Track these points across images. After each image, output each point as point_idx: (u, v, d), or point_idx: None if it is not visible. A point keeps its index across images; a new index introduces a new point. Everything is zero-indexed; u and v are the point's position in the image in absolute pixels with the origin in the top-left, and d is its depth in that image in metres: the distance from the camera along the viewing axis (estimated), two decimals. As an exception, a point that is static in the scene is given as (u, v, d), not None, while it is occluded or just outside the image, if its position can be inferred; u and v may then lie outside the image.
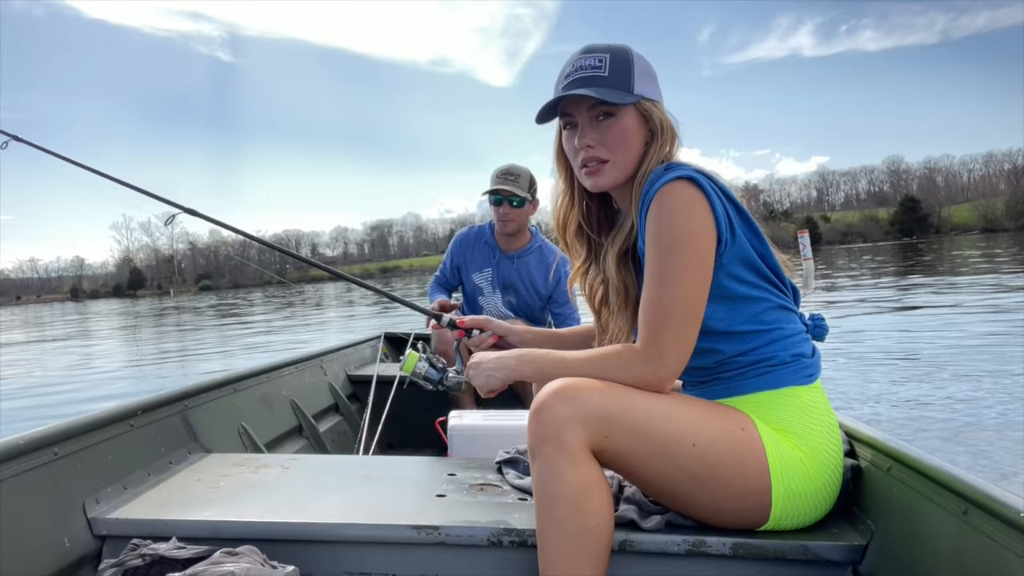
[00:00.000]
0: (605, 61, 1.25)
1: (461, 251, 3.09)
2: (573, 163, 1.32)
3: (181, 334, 16.16)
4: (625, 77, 1.25)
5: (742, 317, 1.24)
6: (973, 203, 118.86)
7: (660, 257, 1.16)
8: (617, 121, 1.26)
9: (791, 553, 1.20)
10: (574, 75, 1.26)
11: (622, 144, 1.26)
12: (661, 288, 1.16)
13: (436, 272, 3.16)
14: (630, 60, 1.26)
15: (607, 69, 1.24)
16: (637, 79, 1.26)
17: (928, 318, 8.80)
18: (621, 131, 1.26)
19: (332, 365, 3.00)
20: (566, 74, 1.28)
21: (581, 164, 1.29)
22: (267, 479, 1.56)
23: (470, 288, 3.09)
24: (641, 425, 1.14)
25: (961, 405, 4.34)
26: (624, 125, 1.26)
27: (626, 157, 1.27)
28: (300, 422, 2.45)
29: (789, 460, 1.18)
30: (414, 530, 1.28)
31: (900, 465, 1.19)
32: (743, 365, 1.25)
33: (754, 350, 1.24)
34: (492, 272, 3.04)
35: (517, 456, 1.62)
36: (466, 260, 3.08)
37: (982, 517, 0.96)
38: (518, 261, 3.01)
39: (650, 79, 1.28)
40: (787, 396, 1.22)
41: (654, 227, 1.18)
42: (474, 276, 3.07)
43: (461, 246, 3.10)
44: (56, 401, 6.77)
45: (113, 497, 1.43)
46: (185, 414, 1.83)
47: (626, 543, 1.23)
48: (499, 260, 3.03)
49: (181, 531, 1.30)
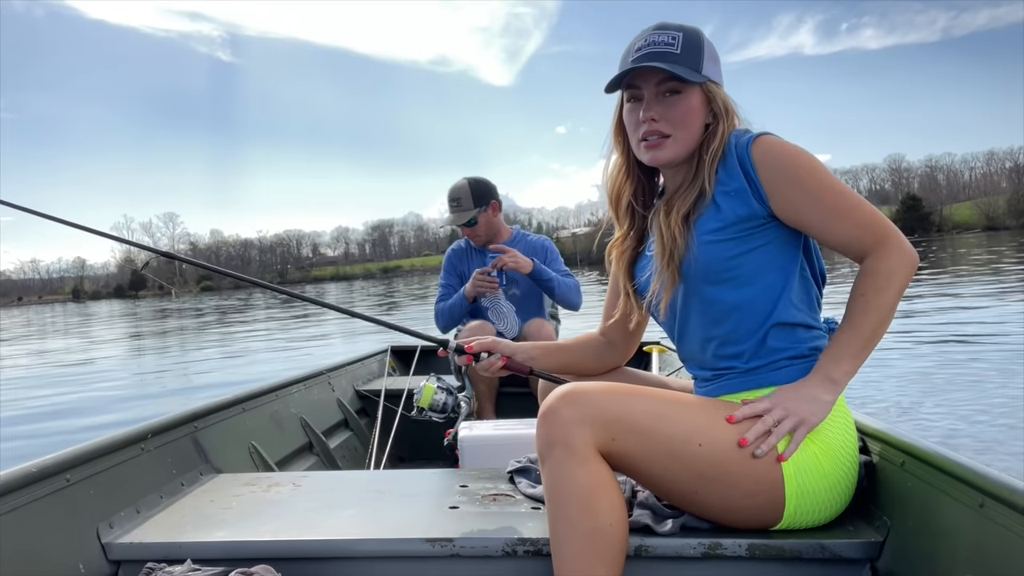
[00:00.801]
0: (679, 39, 1.27)
1: (458, 262, 3.16)
2: (633, 136, 1.33)
3: (183, 338, 16.18)
4: (696, 57, 1.27)
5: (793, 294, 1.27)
6: (975, 201, 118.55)
7: (817, 181, 1.19)
8: (684, 98, 1.28)
9: (808, 552, 1.19)
10: (646, 49, 1.27)
11: (685, 121, 1.28)
12: (844, 200, 1.19)
13: (438, 294, 3.14)
14: (701, 42, 1.29)
15: (679, 47, 1.27)
16: (706, 61, 1.28)
17: (936, 316, 8.77)
18: (686, 108, 1.28)
19: (340, 381, 3.01)
20: (637, 47, 1.29)
21: (642, 137, 1.30)
22: (279, 497, 1.56)
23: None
24: (646, 427, 1.14)
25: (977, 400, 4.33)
26: (690, 103, 1.28)
27: (687, 134, 1.29)
28: (310, 439, 2.45)
29: (803, 457, 1.17)
30: (428, 543, 1.28)
31: (914, 460, 1.19)
32: (762, 357, 1.26)
33: (775, 342, 1.26)
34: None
35: (529, 465, 1.61)
36: (463, 266, 3.15)
37: (999, 509, 0.96)
38: None
39: (716, 63, 1.31)
40: None
41: (788, 170, 1.20)
42: None
43: (457, 258, 3.17)
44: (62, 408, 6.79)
45: (126, 521, 1.43)
46: (195, 435, 1.83)
47: (642, 548, 1.22)
48: (491, 259, 3.08)
49: (195, 553, 1.30)
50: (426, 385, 1.64)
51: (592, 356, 1.58)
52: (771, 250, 1.25)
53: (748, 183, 1.22)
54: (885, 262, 1.17)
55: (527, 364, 1.55)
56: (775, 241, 1.25)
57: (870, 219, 1.19)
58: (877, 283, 1.17)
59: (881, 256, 1.18)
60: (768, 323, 1.26)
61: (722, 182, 1.25)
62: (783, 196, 1.21)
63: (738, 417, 1.17)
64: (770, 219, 1.23)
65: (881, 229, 1.19)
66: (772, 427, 1.15)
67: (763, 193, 1.22)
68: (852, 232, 1.20)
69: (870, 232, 1.19)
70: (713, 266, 1.26)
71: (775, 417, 1.16)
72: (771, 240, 1.25)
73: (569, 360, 1.58)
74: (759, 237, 1.24)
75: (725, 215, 1.24)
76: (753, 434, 1.15)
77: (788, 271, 1.27)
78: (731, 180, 1.24)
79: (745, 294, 1.26)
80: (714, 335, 1.30)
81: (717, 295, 1.28)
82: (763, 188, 1.21)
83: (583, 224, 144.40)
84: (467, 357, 1.55)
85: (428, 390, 1.64)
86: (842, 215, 1.19)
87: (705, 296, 1.29)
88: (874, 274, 1.18)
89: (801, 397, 1.18)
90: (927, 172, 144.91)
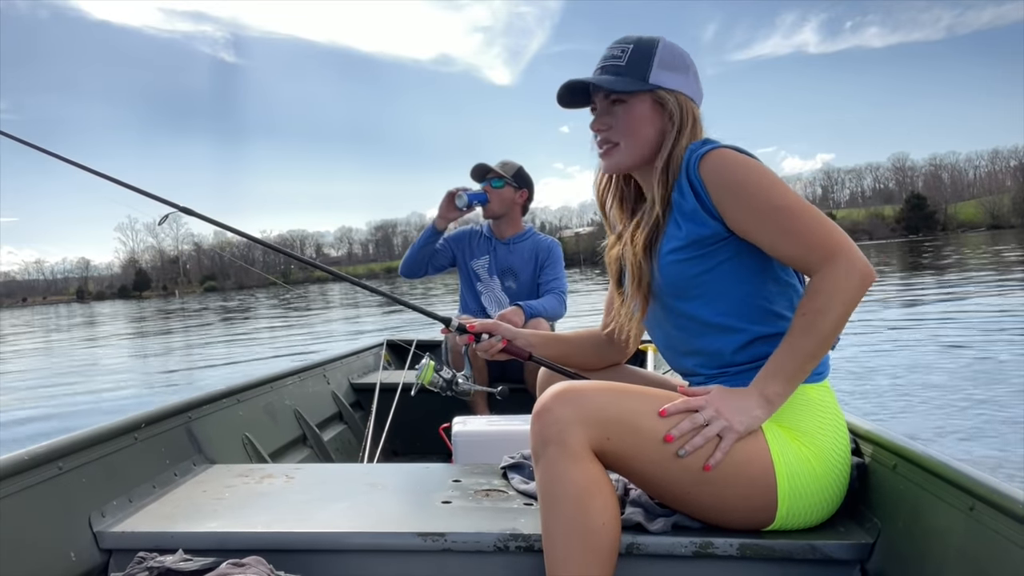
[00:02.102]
0: (627, 51, 1.32)
1: (458, 241, 3.21)
2: (594, 146, 1.39)
3: (187, 337, 16.21)
4: (642, 67, 1.30)
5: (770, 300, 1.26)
6: (979, 200, 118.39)
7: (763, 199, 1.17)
8: (628, 107, 1.31)
9: (798, 553, 1.19)
10: (600, 64, 1.35)
11: (631, 129, 1.31)
12: (791, 218, 1.16)
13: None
14: (652, 51, 1.31)
15: (626, 59, 1.31)
16: (655, 69, 1.30)
17: (940, 317, 8.76)
18: (631, 117, 1.31)
19: (335, 373, 3.00)
20: (598, 63, 1.36)
21: (597, 146, 1.36)
22: (272, 489, 1.56)
23: (468, 275, 3.19)
24: (641, 427, 1.14)
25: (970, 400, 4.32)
26: (635, 111, 1.31)
27: (636, 141, 1.31)
28: (304, 431, 2.46)
29: (796, 459, 1.17)
30: (420, 537, 1.28)
31: (905, 462, 1.19)
32: (755, 359, 1.25)
33: (762, 347, 1.25)
34: (490, 259, 3.15)
35: (522, 461, 1.61)
36: (463, 249, 3.20)
37: (989, 513, 0.96)
38: (514, 247, 3.14)
39: (673, 70, 1.32)
40: (796, 394, 1.21)
41: (733, 188, 1.19)
42: (472, 263, 3.18)
43: (459, 236, 3.23)
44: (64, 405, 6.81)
45: (119, 510, 1.43)
46: (189, 426, 1.83)
47: (633, 546, 1.22)
48: (496, 247, 3.16)
49: (187, 543, 1.30)
50: (428, 363, 1.68)
51: (592, 351, 1.58)
52: (740, 262, 1.25)
53: (699, 203, 1.23)
54: (829, 282, 1.13)
55: (526, 349, 1.56)
56: (742, 253, 1.24)
57: (819, 238, 1.15)
58: (817, 303, 1.14)
59: (826, 275, 1.14)
60: (756, 326, 1.26)
61: (677, 204, 1.26)
62: (730, 214, 1.20)
63: (670, 411, 1.16)
64: (730, 233, 1.23)
65: (830, 248, 1.14)
66: (701, 426, 1.15)
67: (715, 211, 1.22)
68: (798, 251, 1.17)
69: (817, 251, 1.15)
70: (680, 284, 1.27)
71: (705, 417, 1.15)
72: (737, 252, 1.24)
73: (568, 352, 1.59)
74: (723, 251, 1.24)
75: (685, 235, 1.25)
76: (679, 431, 1.14)
77: (761, 279, 1.26)
78: (684, 201, 1.25)
79: (719, 308, 1.26)
80: (697, 349, 1.31)
81: (691, 311, 1.28)
82: (714, 207, 1.21)
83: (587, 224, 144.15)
84: (469, 336, 1.59)
85: (429, 368, 1.68)
86: (788, 234, 1.16)
87: (681, 312, 1.30)
88: (816, 294, 1.14)
89: (736, 405, 1.16)
90: (931, 171, 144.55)
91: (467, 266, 3.18)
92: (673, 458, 1.14)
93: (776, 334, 1.23)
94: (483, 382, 2.80)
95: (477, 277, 3.16)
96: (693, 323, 1.29)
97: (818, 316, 1.13)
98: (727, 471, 1.15)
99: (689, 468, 1.15)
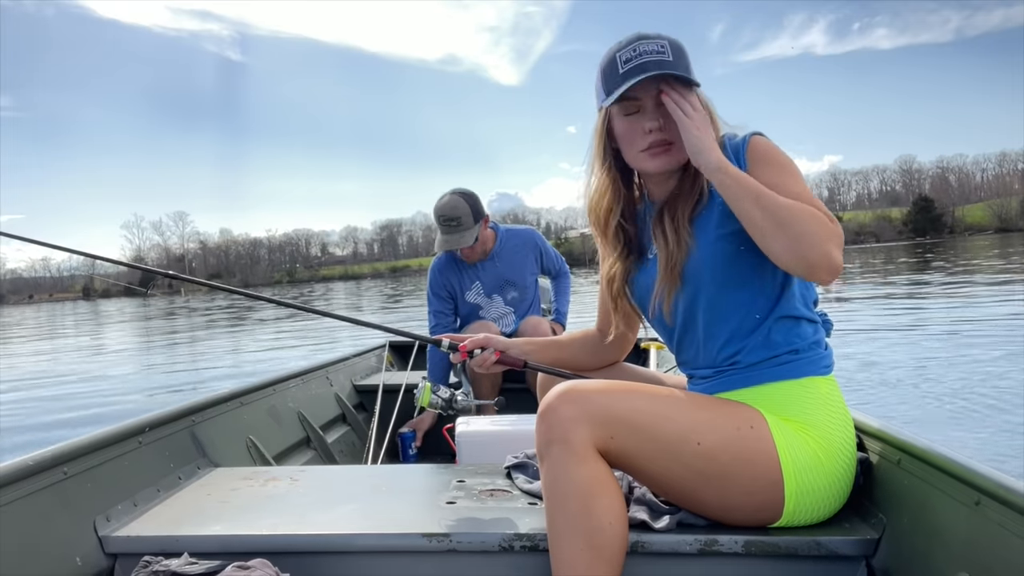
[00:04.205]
0: (666, 47, 1.25)
1: (445, 278, 3.04)
2: (631, 147, 1.30)
3: (191, 335, 16.25)
4: (686, 62, 1.26)
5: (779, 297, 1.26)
6: (987, 203, 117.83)
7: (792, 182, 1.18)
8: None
9: (803, 549, 1.19)
10: (638, 60, 1.24)
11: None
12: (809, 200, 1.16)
13: (430, 323, 3.05)
14: (684, 48, 1.28)
15: (670, 54, 1.24)
16: (691, 65, 1.27)
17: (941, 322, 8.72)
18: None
19: (338, 375, 3.01)
20: (625, 59, 1.25)
21: (645, 147, 1.28)
22: (276, 492, 1.56)
23: (467, 311, 3.07)
24: (645, 425, 1.14)
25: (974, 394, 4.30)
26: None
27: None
28: (308, 433, 2.46)
29: (804, 454, 1.17)
30: (425, 538, 1.28)
31: (910, 457, 1.18)
32: (764, 352, 1.25)
33: (777, 337, 1.25)
34: (479, 283, 3.03)
35: (526, 460, 1.61)
36: (452, 283, 3.05)
37: (994, 507, 0.95)
38: (500, 257, 3.03)
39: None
40: (807, 387, 1.22)
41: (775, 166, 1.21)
42: (467, 296, 3.05)
43: (441, 274, 3.05)
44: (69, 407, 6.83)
45: (124, 515, 1.43)
46: (193, 429, 1.84)
47: (638, 544, 1.22)
48: (479, 268, 3.03)
49: (192, 547, 1.30)
50: (425, 385, 1.67)
51: (587, 352, 1.58)
52: None
53: None
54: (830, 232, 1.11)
55: (521, 358, 1.55)
56: None
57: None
58: (801, 206, 1.11)
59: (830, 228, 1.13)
60: (772, 316, 1.26)
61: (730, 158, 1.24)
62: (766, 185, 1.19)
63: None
64: None
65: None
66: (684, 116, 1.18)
67: None
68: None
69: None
70: (718, 264, 1.25)
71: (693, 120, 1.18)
72: None
73: (563, 356, 1.58)
74: None
75: (726, 213, 1.22)
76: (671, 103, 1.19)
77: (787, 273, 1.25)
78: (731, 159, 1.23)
79: (749, 290, 1.26)
80: (719, 333, 1.29)
81: (723, 293, 1.27)
82: None
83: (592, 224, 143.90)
84: (461, 355, 1.55)
85: (427, 390, 1.67)
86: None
87: (711, 295, 1.28)
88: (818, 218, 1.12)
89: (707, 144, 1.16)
90: (939, 173, 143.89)
91: (464, 302, 3.06)
92: (678, 456, 1.14)
93: (796, 318, 1.25)
94: (489, 388, 2.80)
95: (479, 307, 3.05)
96: (721, 305, 1.27)
97: (792, 208, 1.10)
98: (732, 468, 1.15)
99: (694, 466, 1.15)
